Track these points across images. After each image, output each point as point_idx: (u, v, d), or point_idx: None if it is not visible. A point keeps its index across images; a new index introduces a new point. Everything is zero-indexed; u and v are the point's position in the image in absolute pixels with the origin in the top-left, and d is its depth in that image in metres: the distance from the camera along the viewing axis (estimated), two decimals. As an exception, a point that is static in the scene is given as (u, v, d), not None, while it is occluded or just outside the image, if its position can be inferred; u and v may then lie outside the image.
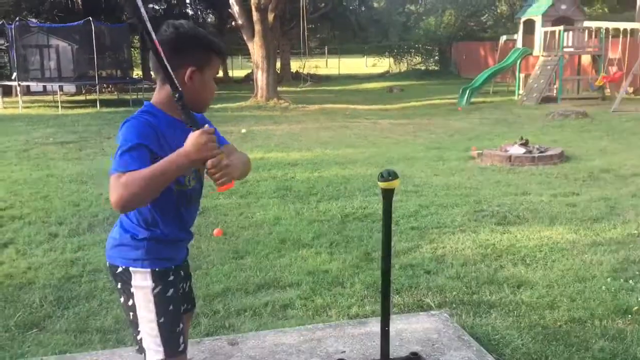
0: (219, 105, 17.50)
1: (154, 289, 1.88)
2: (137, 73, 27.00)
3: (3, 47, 21.44)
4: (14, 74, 18.52)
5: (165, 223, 1.90)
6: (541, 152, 8.29)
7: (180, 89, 1.72)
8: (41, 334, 3.26)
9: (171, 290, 1.92)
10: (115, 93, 22.57)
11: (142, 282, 1.88)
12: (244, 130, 12.16)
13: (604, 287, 3.76)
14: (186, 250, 2.09)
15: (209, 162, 1.67)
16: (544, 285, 3.82)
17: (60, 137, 11.47)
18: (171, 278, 1.93)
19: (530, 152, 8.28)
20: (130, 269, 1.89)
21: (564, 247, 4.58)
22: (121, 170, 1.66)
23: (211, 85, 1.94)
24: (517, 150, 8.36)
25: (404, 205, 6.00)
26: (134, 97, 19.37)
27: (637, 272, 4.02)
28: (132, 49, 28.24)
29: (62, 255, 4.58)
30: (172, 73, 1.71)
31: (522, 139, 8.73)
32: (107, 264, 1.97)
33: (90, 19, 17.78)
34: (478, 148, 9.12)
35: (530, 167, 7.86)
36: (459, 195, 6.40)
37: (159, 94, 1.88)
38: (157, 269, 1.89)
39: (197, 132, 1.66)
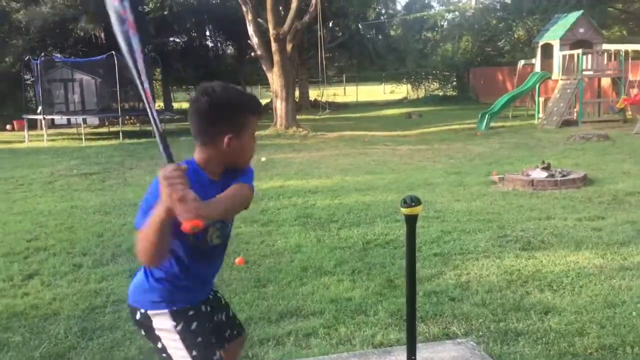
0: (238, 135, 17.68)
1: (176, 326, 1.91)
2: (159, 104, 27.46)
3: (29, 82, 21.99)
4: (39, 108, 18.94)
5: (179, 271, 1.94)
6: (564, 175, 8.20)
7: (161, 131, 1.78)
8: (66, 365, 3.27)
9: (195, 324, 1.94)
10: (138, 125, 22.92)
11: (162, 324, 1.92)
12: (263, 159, 12.23)
13: (634, 312, 3.67)
14: (208, 289, 2.12)
15: (171, 197, 1.62)
16: (572, 312, 3.74)
17: (83, 168, 11.65)
18: (192, 312, 1.96)
19: (552, 175, 8.19)
20: (149, 312, 1.93)
21: (591, 272, 4.49)
22: (137, 227, 1.77)
23: (250, 145, 1.99)
24: (539, 174, 8.28)
25: (426, 231, 5.95)
26: (156, 128, 19.61)
27: (668, 297, 3.92)
28: (154, 82, 28.75)
29: (86, 286, 4.61)
30: (155, 116, 1.78)
31: (543, 162, 8.65)
32: (129, 308, 2.01)
33: (113, 53, 18.18)
34: (499, 172, 9.06)
35: (553, 191, 7.77)
36: (481, 221, 6.33)
37: (199, 154, 1.93)
38: (174, 308, 1.93)
39: (159, 172, 1.67)
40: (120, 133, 18.10)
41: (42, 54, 19.90)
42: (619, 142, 12.76)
